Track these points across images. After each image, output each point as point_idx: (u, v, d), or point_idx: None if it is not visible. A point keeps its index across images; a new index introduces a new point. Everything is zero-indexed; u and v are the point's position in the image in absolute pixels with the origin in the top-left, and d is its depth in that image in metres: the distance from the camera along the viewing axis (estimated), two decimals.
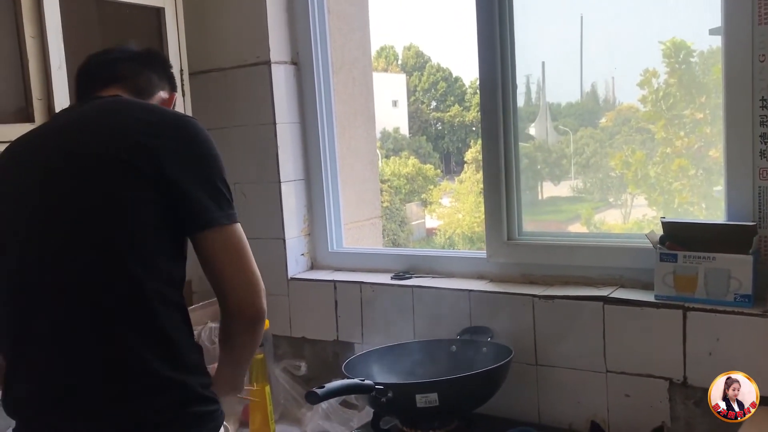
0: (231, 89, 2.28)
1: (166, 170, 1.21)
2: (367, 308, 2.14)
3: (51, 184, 1.23)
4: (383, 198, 13.47)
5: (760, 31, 1.64)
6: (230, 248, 1.27)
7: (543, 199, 2.89)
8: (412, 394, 1.64)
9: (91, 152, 1.23)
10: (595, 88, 2.39)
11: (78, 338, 1.19)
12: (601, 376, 1.81)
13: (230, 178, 2.26)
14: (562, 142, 2.61)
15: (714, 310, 1.66)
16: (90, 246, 1.19)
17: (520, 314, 1.90)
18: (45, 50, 1.79)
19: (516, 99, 2.03)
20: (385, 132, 16.09)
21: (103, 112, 1.31)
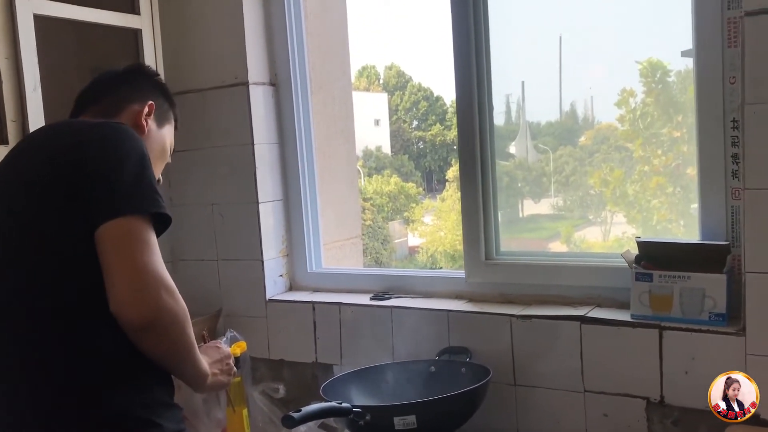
0: (209, 110, 2.28)
1: (78, 183, 1.21)
2: (345, 330, 2.13)
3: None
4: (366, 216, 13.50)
5: (730, 54, 1.67)
6: (115, 239, 1.17)
7: (524, 216, 2.90)
8: (391, 417, 1.63)
9: (22, 179, 1.28)
10: (574, 107, 2.41)
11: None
12: (579, 395, 1.81)
13: (207, 198, 2.31)
14: (542, 161, 2.62)
15: (689, 329, 1.67)
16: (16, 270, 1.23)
17: (498, 334, 1.90)
18: (19, 72, 1.78)
19: (492, 119, 2.04)
20: (368, 150, 16.14)
21: (41, 137, 1.38)
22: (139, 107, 1.47)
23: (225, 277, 2.33)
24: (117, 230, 1.17)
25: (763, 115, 1.53)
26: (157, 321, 1.17)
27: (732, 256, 1.68)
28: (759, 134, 1.54)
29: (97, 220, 1.17)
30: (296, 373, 2.25)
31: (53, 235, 1.20)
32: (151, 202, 1.22)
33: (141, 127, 1.46)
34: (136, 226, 1.17)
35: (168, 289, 1.18)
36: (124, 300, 1.14)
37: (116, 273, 1.15)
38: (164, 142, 1.54)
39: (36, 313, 1.20)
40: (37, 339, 1.19)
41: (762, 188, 1.55)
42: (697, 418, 1.67)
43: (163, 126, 1.54)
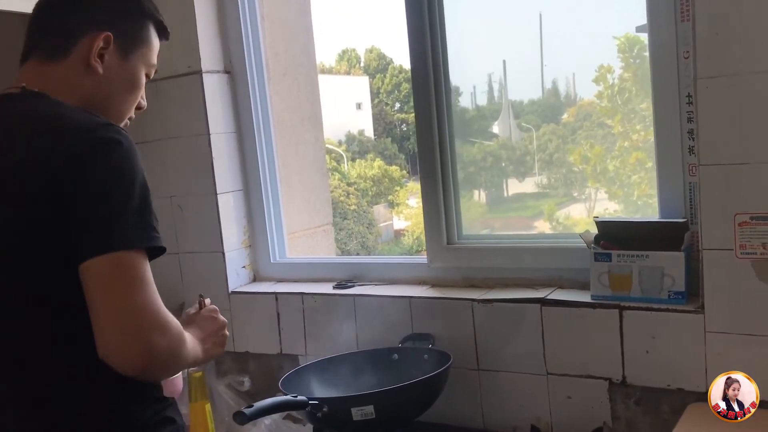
0: (163, 100, 2.23)
1: (57, 209, 1.06)
2: (309, 320, 2.11)
3: None
4: (350, 201, 13.46)
5: (683, 28, 1.64)
6: (103, 276, 1.04)
7: (508, 196, 2.89)
8: (348, 408, 1.60)
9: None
10: (556, 85, 2.40)
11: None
12: (542, 378, 1.79)
13: (165, 191, 2.26)
14: (525, 139, 2.61)
15: (649, 308, 1.66)
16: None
17: (460, 319, 1.88)
18: None
19: (450, 100, 2.00)
20: (350, 135, 16.07)
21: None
22: (89, 41, 1.21)
23: (186, 270, 2.29)
24: (104, 267, 1.03)
25: (716, 89, 1.51)
26: (152, 366, 1.06)
27: (690, 233, 1.66)
28: (712, 109, 1.52)
29: (82, 254, 1.04)
30: (261, 365, 2.22)
31: (31, 271, 1.09)
32: (146, 234, 1.08)
33: (92, 69, 1.21)
34: (126, 262, 1.04)
35: (162, 327, 1.06)
36: (111, 346, 1.03)
37: (103, 316, 1.03)
38: (133, 74, 1.28)
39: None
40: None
41: (716, 164, 1.53)
42: (659, 396, 1.66)
43: (132, 53, 1.26)
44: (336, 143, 15.29)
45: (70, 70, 1.20)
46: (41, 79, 1.19)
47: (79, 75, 1.21)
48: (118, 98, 1.27)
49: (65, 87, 1.19)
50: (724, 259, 1.53)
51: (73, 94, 1.20)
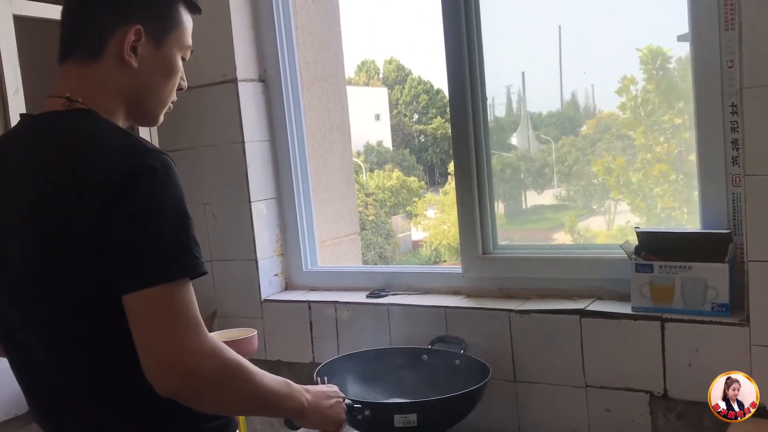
0: (198, 108, 2.24)
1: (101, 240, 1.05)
2: (342, 328, 2.10)
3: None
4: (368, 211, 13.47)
5: (726, 37, 1.62)
6: (141, 314, 1.04)
7: (527, 208, 2.87)
8: (391, 414, 1.59)
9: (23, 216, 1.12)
10: (575, 97, 2.39)
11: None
12: (580, 390, 1.77)
13: (199, 198, 2.27)
14: (544, 151, 2.60)
15: (692, 320, 1.63)
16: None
17: (497, 330, 1.86)
18: (1, 76, 1.74)
19: (487, 112, 2.00)
20: (369, 145, 16.12)
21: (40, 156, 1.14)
22: (121, 37, 1.17)
23: (219, 278, 2.29)
24: (140, 302, 1.04)
25: (762, 98, 1.49)
26: (196, 393, 1.07)
27: (734, 244, 1.64)
28: (758, 119, 1.50)
29: (122, 287, 1.04)
30: (294, 374, 2.21)
31: (79, 300, 1.09)
32: (182, 264, 1.06)
33: (126, 64, 1.18)
34: (161, 297, 1.04)
35: (200, 352, 1.05)
36: (153, 378, 1.05)
37: (142, 349, 1.05)
38: (169, 60, 1.24)
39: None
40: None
41: (762, 174, 1.51)
42: (702, 411, 1.63)
43: (165, 39, 1.23)
44: (355, 154, 15.34)
45: (106, 69, 1.18)
46: (81, 83, 1.17)
47: (115, 72, 1.19)
48: (156, 88, 1.24)
49: (104, 88, 1.18)
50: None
51: (114, 93, 1.19)
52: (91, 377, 1.14)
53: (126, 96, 1.20)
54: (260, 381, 1.16)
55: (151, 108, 1.25)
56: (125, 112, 1.22)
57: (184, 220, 1.07)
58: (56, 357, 1.15)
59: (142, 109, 1.24)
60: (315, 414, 1.30)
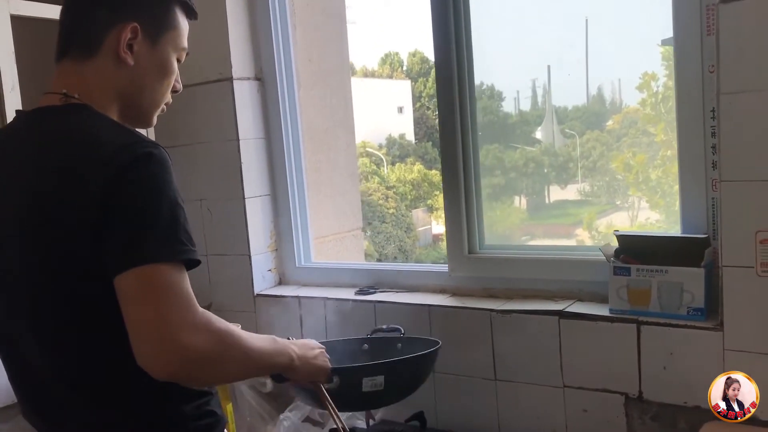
0: (195, 106, 2.29)
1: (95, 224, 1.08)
2: (330, 324, 2.14)
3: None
4: (389, 204, 13.48)
5: (708, 42, 1.62)
6: (131, 292, 1.05)
7: (550, 202, 2.86)
8: (360, 378, 1.62)
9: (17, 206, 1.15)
10: (601, 91, 2.37)
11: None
12: (558, 390, 1.79)
13: (195, 194, 2.32)
14: (568, 146, 2.59)
15: (667, 323, 1.65)
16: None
17: (479, 329, 1.88)
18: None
19: (475, 109, 2.01)
20: (391, 138, 16.09)
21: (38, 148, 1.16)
22: (117, 34, 1.19)
23: (214, 272, 2.34)
24: (130, 281, 1.04)
25: (739, 105, 1.49)
26: (187, 370, 1.07)
27: (712, 249, 1.65)
28: (734, 125, 1.50)
29: (112, 270, 1.06)
30: None
31: (76, 284, 1.11)
32: (174, 248, 1.07)
33: (122, 62, 1.20)
34: (151, 275, 1.04)
35: (196, 329, 1.05)
36: (143, 357, 1.05)
37: (132, 328, 1.05)
38: (164, 60, 1.26)
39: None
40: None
41: (738, 180, 1.51)
42: (676, 413, 1.65)
43: (161, 39, 1.25)
44: (376, 147, 15.34)
45: (102, 65, 1.20)
46: (78, 80, 1.20)
47: (111, 69, 1.21)
48: (151, 86, 1.26)
49: (100, 84, 1.21)
50: (745, 277, 1.52)
51: (109, 90, 1.21)
52: (82, 373, 1.16)
53: (121, 94, 1.22)
54: (251, 343, 1.18)
55: (144, 107, 1.27)
56: (119, 111, 1.24)
57: (176, 210, 1.09)
58: (46, 351, 1.18)
59: (135, 108, 1.26)
60: (304, 366, 1.33)
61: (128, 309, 1.05)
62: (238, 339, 1.15)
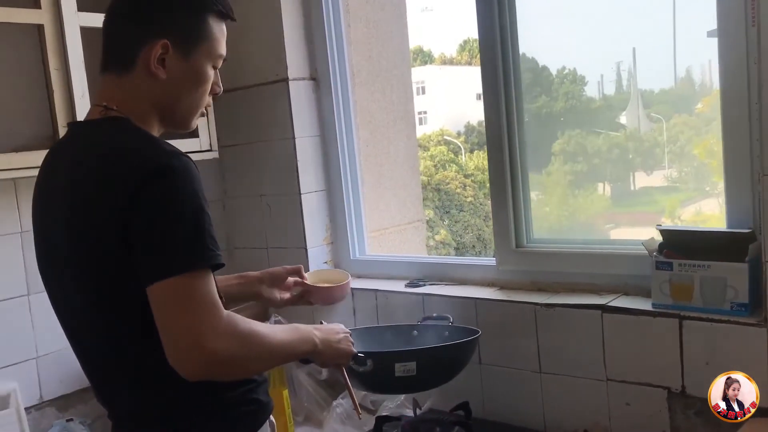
0: (253, 106, 2.39)
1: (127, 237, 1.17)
2: (381, 315, 2.20)
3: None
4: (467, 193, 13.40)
5: (753, 33, 1.59)
6: (158, 303, 1.15)
7: (636, 189, 2.81)
8: (392, 363, 1.68)
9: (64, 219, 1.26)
10: (690, 73, 2.29)
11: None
12: (602, 384, 1.80)
13: (256, 190, 2.43)
14: (654, 130, 2.53)
15: (710, 318, 1.63)
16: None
17: (524, 322, 1.91)
18: (69, 81, 1.93)
19: (521, 103, 2.02)
20: (470, 126, 15.98)
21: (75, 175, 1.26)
22: (148, 50, 1.26)
23: (274, 264, 2.41)
24: (157, 293, 1.14)
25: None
26: (216, 371, 1.19)
27: (756, 244, 1.62)
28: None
29: (143, 281, 1.15)
30: None
31: (109, 295, 1.23)
32: (196, 257, 1.16)
33: (154, 76, 1.27)
34: (174, 287, 1.13)
35: (219, 335, 1.14)
36: (173, 361, 1.15)
37: (162, 335, 1.15)
38: (198, 71, 1.31)
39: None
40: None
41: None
42: None
43: (194, 51, 1.30)
44: (454, 135, 15.27)
45: (137, 79, 1.28)
46: (117, 92, 1.30)
47: (146, 82, 1.28)
48: (185, 97, 1.32)
49: (137, 96, 1.29)
50: None
51: (145, 101, 1.30)
52: (125, 361, 1.27)
53: (156, 104, 1.31)
54: (274, 339, 1.28)
55: (181, 115, 1.35)
56: (158, 120, 1.33)
57: (200, 216, 1.17)
58: (92, 340, 1.31)
59: (173, 116, 1.34)
60: (326, 351, 1.42)
61: (159, 317, 1.15)
62: (261, 338, 1.24)
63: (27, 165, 1.84)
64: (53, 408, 2.10)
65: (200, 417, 1.29)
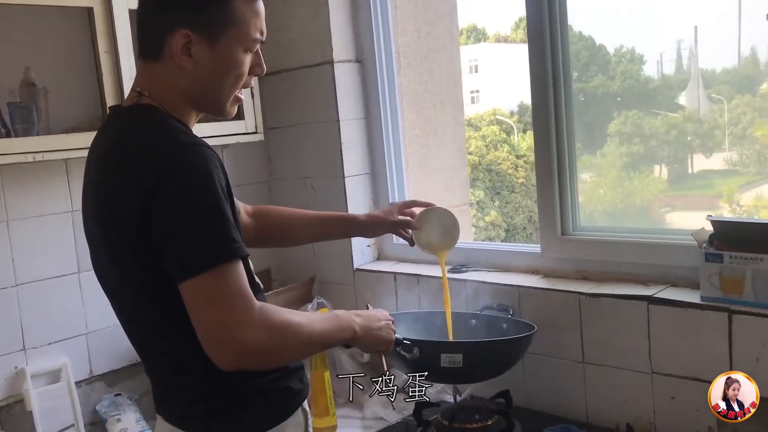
0: (299, 89, 2.39)
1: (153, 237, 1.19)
2: (424, 300, 2.19)
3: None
4: (518, 174, 13.24)
5: None
6: (189, 301, 1.16)
7: (694, 172, 2.74)
8: (438, 353, 1.68)
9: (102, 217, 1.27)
10: (755, 52, 2.23)
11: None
12: (646, 376, 1.76)
13: (300, 173, 2.44)
14: (715, 112, 2.49)
15: (762, 314, 1.57)
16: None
17: (568, 311, 1.88)
18: (117, 63, 1.96)
19: (569, 82, 1.96)
20: (523, 105, 15.73)
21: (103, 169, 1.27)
22: (171, 40, 1.23)
23: (318, 247, 2.46)
24: (187, 292, 1.15)
25: None
26: (252, 362, 1.20)
27: None
28: None
29: (174, 279, 1.17)
30: None
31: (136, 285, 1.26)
32: (216, 253, 1.15)
33: (182, 68, 1.25)
34: (202, 285, 1.14)
35: (251, 325, 1.15)
36: (210, 354, 1.16)
37: (197, 329, 1.16)
38: (227, 58, 1.27)
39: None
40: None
41: None
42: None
43: (221, 38, 1.25)
44: (507, 114, 15.05)
45: (167, 67, 1.26)
46: (149, 79, 1.29)
47: (174, 73, 1.26)
48: (215, 85, 1.29)
49: (167, 84, 1.28)
50: None
51: (175, 89, 1.28)
52: (158, 343, 1.31)
53: (187, 92, 1.29)
54: (310, 329, 1.27)
55: (213, 102, 1.32)
56: (192, 106, 1.32)
57: (219, 209, 1.17)
58: (130, 325, 1.36)
59: (206, 103, 1.32)
60: (366, 338, 1.41)
61: (192, 313, 1.16)
62: (297, 328, 1.24)
63: (77, 146, 1.89)
64: (102, 383, 2.16)
65: (232, 402, 1.31)
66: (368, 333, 1.43)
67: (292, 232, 1.80)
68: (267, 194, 2.59)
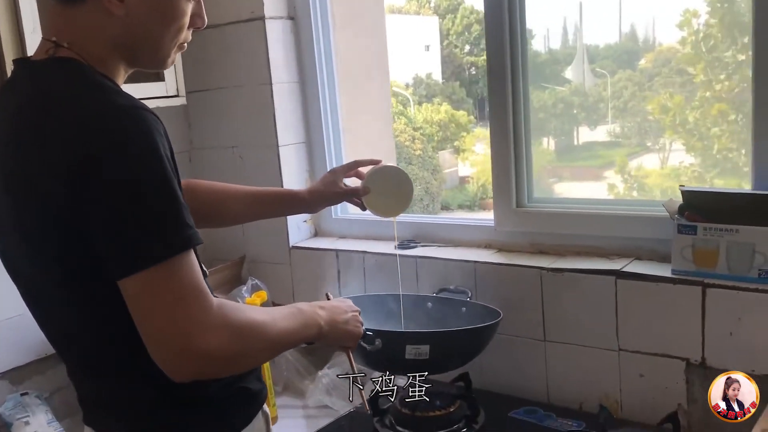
0: (227, 47, 2.16)
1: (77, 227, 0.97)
2: (370, 279, 2.05)
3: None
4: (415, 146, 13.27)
5: None
6: (132, 300, 0.96)
7: (579, 144, 2.78)
8: (403, 345, 1.54)
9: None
10: (634, 29, 2.30)
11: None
12: (613, 354, 1.70)
13: (227, 141, 2.21)
14: (599, 85, 2.51)
15: (736, 287, 1.53)
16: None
17: (528, 287, 1.78)
18: (17, 12, 1.68)
19: (526, 45, 1.86)
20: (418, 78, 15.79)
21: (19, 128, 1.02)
22: None
23: (248, 224, 2.24)
24: (129, 289, 0.95)
25: None
26: (211, 368, 1.01)
27: None
28: None
29: (111, 274, 0.96)
30: None
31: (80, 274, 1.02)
32: (164, 244, 0.95)
33: (110, 13, 1.03)
34: (146, 282, 0.94)
35: (208, 327, 0.96)
36: (159, 362, 0.97)
37: (142, 333, 0.97)
38: (166, 4, 1.07)
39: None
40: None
41: None
42: None
43: None
44: (403, 86, 15.07)
45: (91, 12, 1.03)
46: (67, 25, 1.04)
47: (101, 18, 1.04)
48: (152, 37, 1.08)
49: (91, 33, 1.04)
50: None
51: (102, 40, 1.05)
52: (100, 346, 1.09)
53: (117, 43, 1.06)
54: (274, 328, 1.10)
55: (150, 55, 1.11)
56: (122, 60, 1.09)
57: (168, 187, 0.96)
58: (46, 320, 1.14)
59: (140, 56, 1.10)
60: (333, 333, 1.26)
61: (136, 315, 0.96)
62: (259, 328, 1.06)
63: None
64: (6, 381, 1.89)
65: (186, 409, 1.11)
66: (334, 327, 1.27)
67: (224, 210, 1.60)
68: (187, 165, 2.34)
